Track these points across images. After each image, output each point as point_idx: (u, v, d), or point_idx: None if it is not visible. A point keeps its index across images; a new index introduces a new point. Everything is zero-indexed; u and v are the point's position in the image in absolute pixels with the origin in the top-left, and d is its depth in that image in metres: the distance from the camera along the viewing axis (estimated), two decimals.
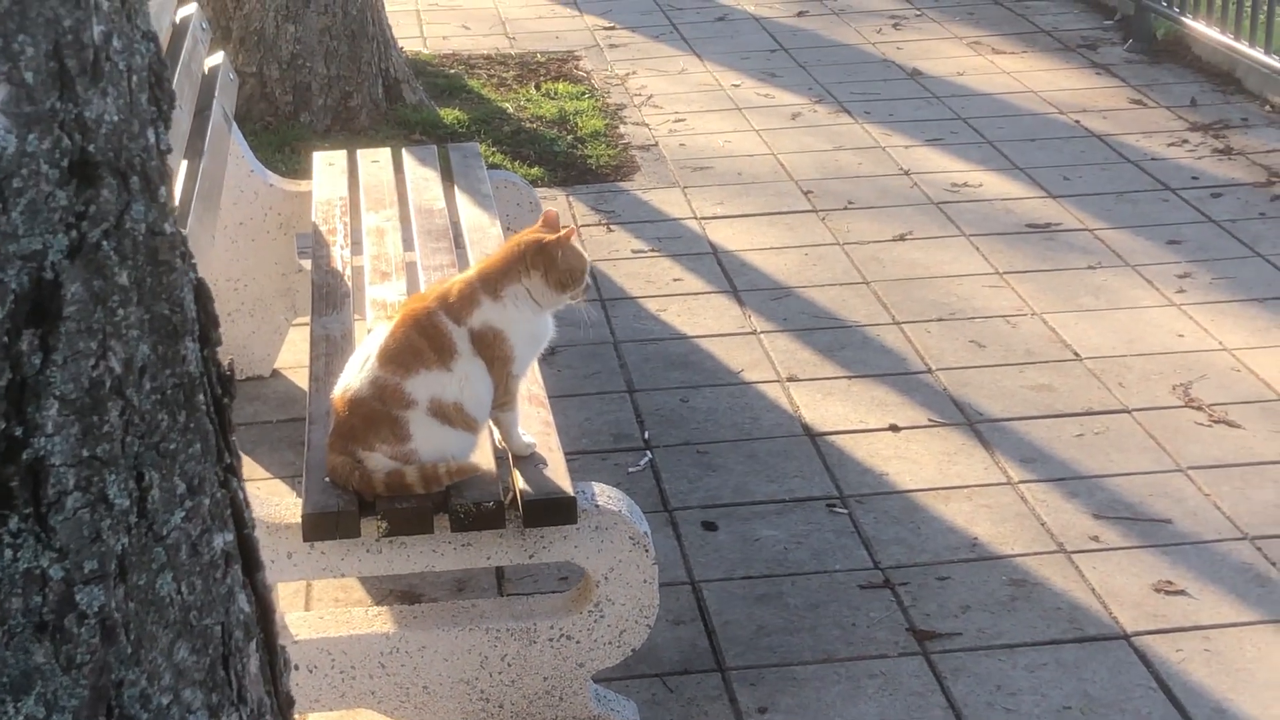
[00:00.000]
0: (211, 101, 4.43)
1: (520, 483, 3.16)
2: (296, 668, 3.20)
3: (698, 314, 5.42)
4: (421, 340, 3.14)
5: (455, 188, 4.71)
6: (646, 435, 4.64)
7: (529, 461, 3.22)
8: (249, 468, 4.51)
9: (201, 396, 1.66)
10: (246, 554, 1.75)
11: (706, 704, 3.51)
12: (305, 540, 3.09)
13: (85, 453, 1.53)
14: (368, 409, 3.13)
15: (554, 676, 3.26)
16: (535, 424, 3.36)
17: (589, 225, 6.21)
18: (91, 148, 1.52)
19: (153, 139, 1.61)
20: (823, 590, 3.90)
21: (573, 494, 3.12)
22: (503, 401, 3.20)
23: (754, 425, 4.68)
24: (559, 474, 3.17)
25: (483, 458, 3.22)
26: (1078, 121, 7.24)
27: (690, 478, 4.41)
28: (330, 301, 4.01)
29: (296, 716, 3.36)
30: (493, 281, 3.18)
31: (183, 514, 1.63)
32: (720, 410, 4.78)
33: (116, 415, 1.55)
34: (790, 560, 4.03)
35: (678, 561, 4.03)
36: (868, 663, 3.63)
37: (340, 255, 4.30)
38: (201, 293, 1.68)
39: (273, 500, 3.19)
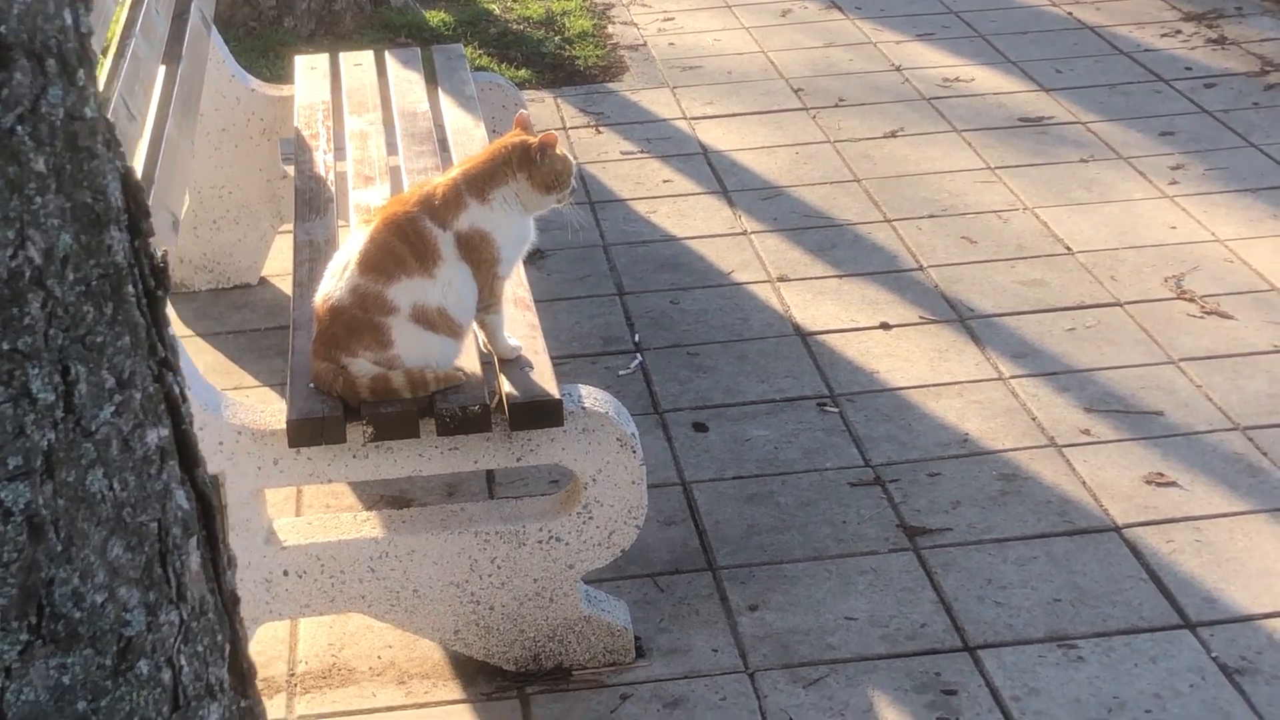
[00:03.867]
0: (190, 6, 4.38)
1: (506, 386, 3.14)
2: (285, 574, 3.21)
3: (688, 215, 5.38)
4: (403, 246, 3.11)
5: (439, 90, 4.66)
6: (637, 338, 4.62)
7: (515, 365, 3.20)
8: (237, 375, 4.50)
9: (130, 288, 1.63)
10: (184, 449, 1.72)
11: (698, 602, 3.51)
12: (291, 446, 3.08)
13: (5, 345, 1.50)
14: (349, 316, 3.11)
15: (544, 578, 3.25)
16: (521, 327, 3.34)
17: (578, 127, 6.16)
18: (3, 29, 1.48)
19: (70, 20, 1.57)
20: (813, 489, 3.89)
21: (558, 396, 3.10)
22: (488, 304, 3.18)
23: (744, 326, 4.67)
24: (545, 377, 3.16)
25: (468, 362, 3.21)
26: (1070, 13, 7.17)
27: (681, 379, 4.40)
28: (313, 207, 3.98)
29: (287, 621, 3.36)
30: (479, 184, 3.15)
31: (112, 409, 1.60)
32: (710, 311, 4.76)
33: (38, 307, 1.52)
34: (781, 460, 4.02)
35: (669, 463, 4.02)
36: (858, 559, 3.63)
37: (323, 160, 4.26)
38: (129, 182, 1.64)
39: (259, 407, 3.18)
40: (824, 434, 4.12)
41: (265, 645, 3.42)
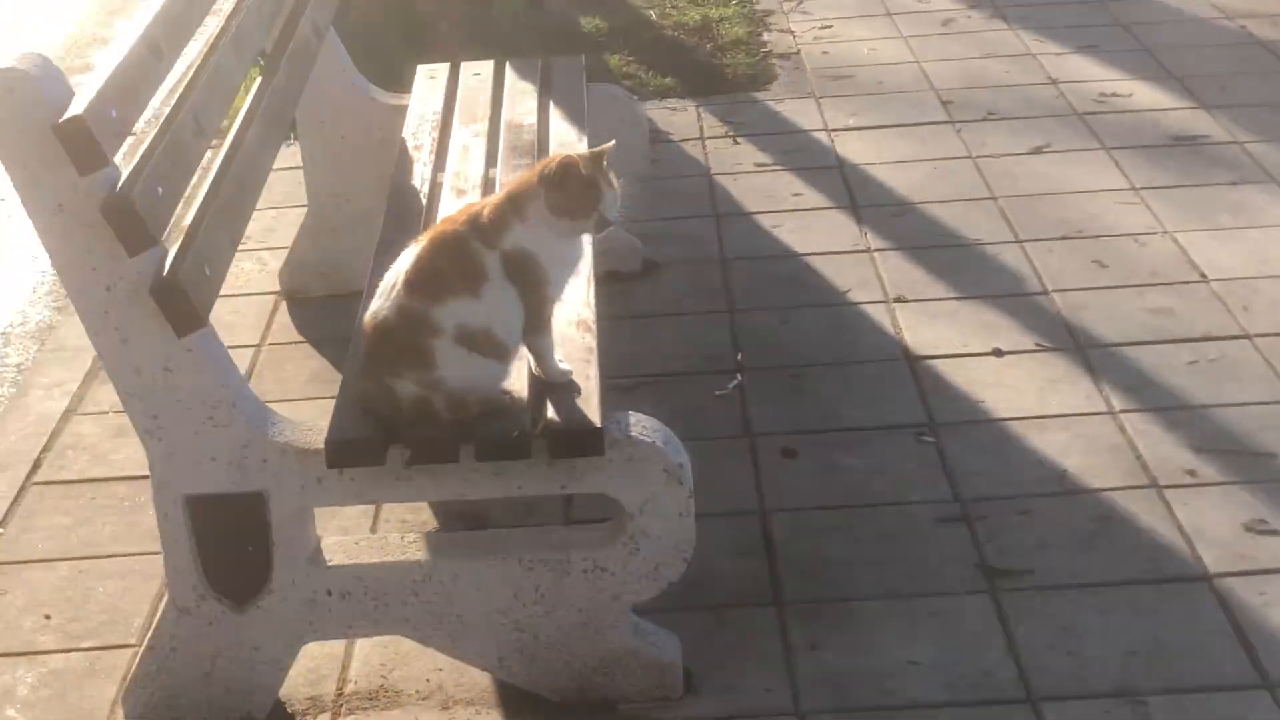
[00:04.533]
0: (302, 15, 4.37)
1: (550, 412, 3.07)
2: (329, 594, 3.18)
3: (812, 230, 5.27)
4: (449, 265, 3.06)
5: (551, 102, 4.61)
6: (740, 357, 4.53)
7: (563, 389, 3.14)
8: (329, 387, 4.49)
9: None
10: None
11: (757, 639, 3.42)
12: (329, 466, 3.05)
13: None
14: (394, 336, 3.06)
15: (589, 609, 3.18)
16: (578, 350, 3.27)
17: (716, 137, 6.07)
18: None
19: None
20: (896, 523, 3.77)
21: (599, 425, 3.03)
22: (535, 326, 3.11)
23: (852, 348, 4.55)
24: (591, 404, 3.09)
25: (515, 385, 3.15)
26: (1244, 26, 6.91)
27: (778, 402, 4.30)
28: (402, 220, 3.95)
29: (334, 643, 3.33)
30: (521, 202, 3.09)
31: None
32: (820, 331, 4.65)
33: None
34: (868, 491, 3.90)
35: (750, 489, 3.93)
36: (931, 600, 3.50)
37: (422, 172, 4.23)
38: None
39: (306, 425, 3.15)
40: (916, 465, 3.99)
41: (319, 662, 3.40)
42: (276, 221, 5.55)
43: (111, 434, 4.35)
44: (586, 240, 3.19)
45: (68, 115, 2.84)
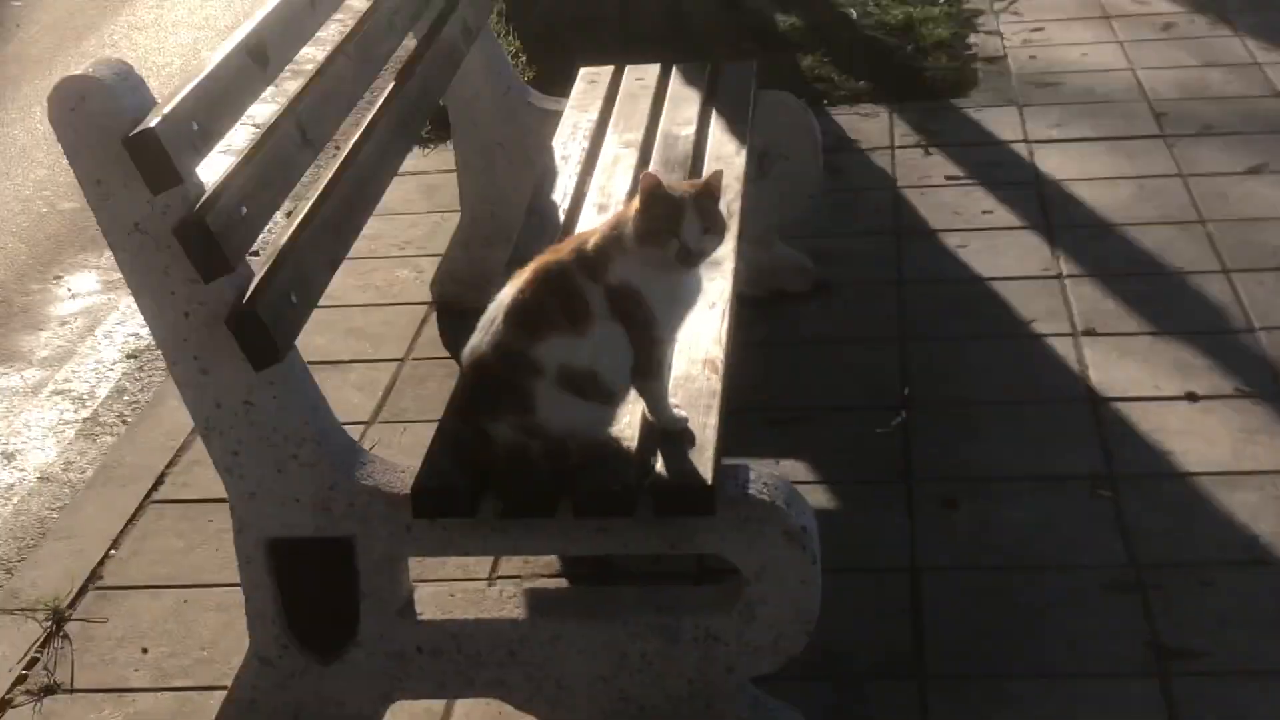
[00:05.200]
0: (450, 16, 4.13)
1: (659, 464, 2.78)
2: (420, 650, 2.92)
3: (1000, 252, 4.90)
4: (552, 299, 2.78)
5: (714, 110, 4.31)
6: (906, 391, 4.19)
7: (677, 439, 2.84)
8: None
9: None
10: None
11: (891, 717, 3.09)
12: (415, 516, 2.79)
13: None
14: (491, 375, 2.80)
15: (700, 679, 2.89)
16: (700, 394, 2.98)
17: (906, 147, 5.72)
18: None
19: None
20: (1060, 589, 3.42)
21: (710, 482, 2.73)
22: (645, 369, 2.82)
23: (1031, 386, 4.18)
24: (705, 456, 2.79)
25: (626, 432, 2.86)
26: None
27: (943, 444, 3.95)
28: (536, 235, 3.68)
29: (427, 704, 3.07)
30: (621, 230, 2.80)
31: None
32: (997, 366, 4.29)
33: None
34: (1032, 550, 3.55)
35: (903, 542, 3.60)
36: (1091, 681, 3.15)
37: (566, 185, 3.96)
38: None
39: (398, 466, 2.90)
40: (1089, 523, 3.62)
41: (417, 715, 3.15)
42: (439, 227, 5.33)
43: None
44: (706, 275, 2.88)
45: (140, 129, 2.61)
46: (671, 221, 2.75)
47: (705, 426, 2.88)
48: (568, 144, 4.20)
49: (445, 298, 4.84)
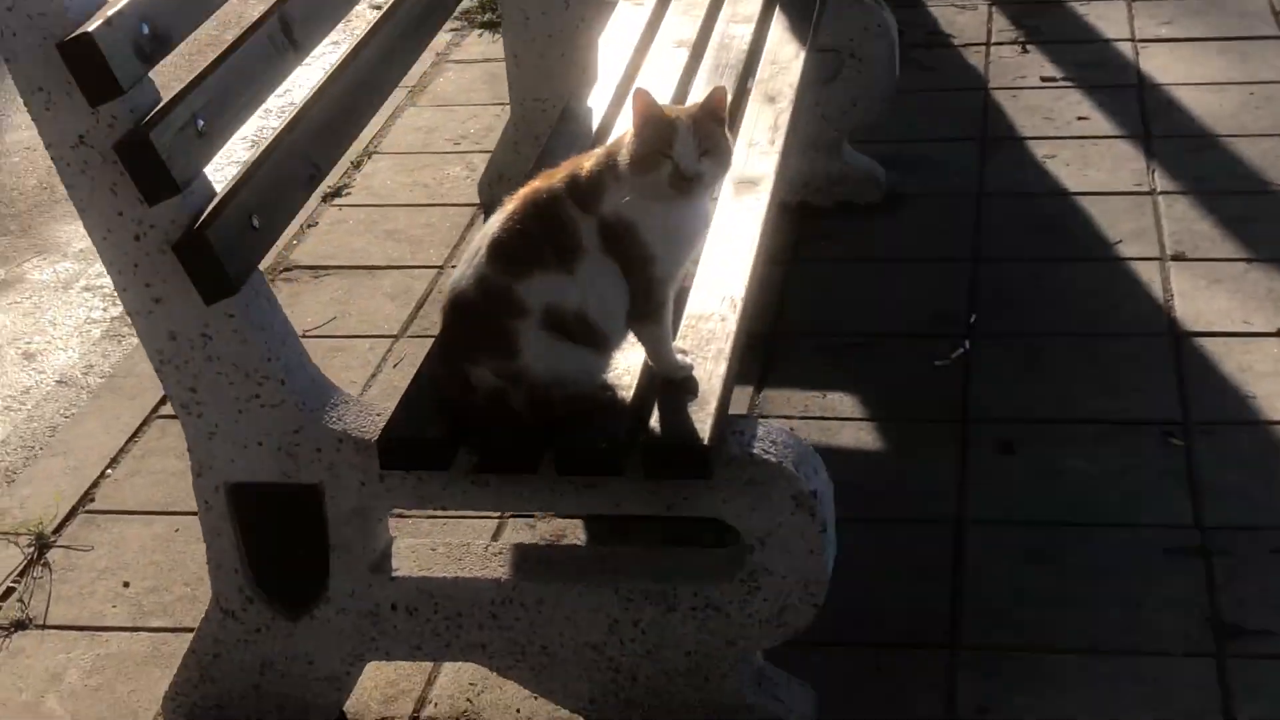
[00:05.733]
0: None
1: (653, 419, 2.50)
2: (394, 608, 2.68)
3: (1091, 164, 4.54)
4: (540, 232, 2.50)
5: (776, 8, 3.97)
6: (973, 319, 3.86)
7: (678, 389, 2.55)
8: None
9: None
10: None
11: (915, 692, 2.82)
12: (382, 467, 2.53)
13: None
14: (473, 313, 2.53)
15: (698, 653, 2.62)
16: (714, 336, 2.68)
17: (1002, 44, 5.33)
18: None
19: None
20: (1116, 551, 3.10)
21: (706, 442, 2.44)
22: (643, 311, 2.53)
23: (1108, 316, 3.84)
24: (705, 411, 2.50)
25: (620, 379, 2.58)
26: None
27: (1006, 379, 3.63)
28: (566, 142, 3.39)
29: (395, 664, 2.83)
30: (616, 155, 2.50)
31: None
32: (1074, 293, 3.95)
33: None
34: (1089, 504, 3.24)
35: (949, 491, 3.29)
36: (1138, 660, 2.85)
37: (605, 86, 3.66)
38: None
39: (372, 409, 2.64)
40: (1157, 475, 3.30)
41: (401, 674, 2.92)
42: (500, 121, 5.02)
43: None
44: (709, 208, 2.58)
45: (76, 33, 2.34)
46: (664, 143, 2.45)
47: (713, 376, 2.59)
48: (616, 41, 3.88)
49: (493, 201, 4.53)
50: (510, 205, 2.55)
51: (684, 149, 2.46)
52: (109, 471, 3.56)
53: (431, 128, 5.07)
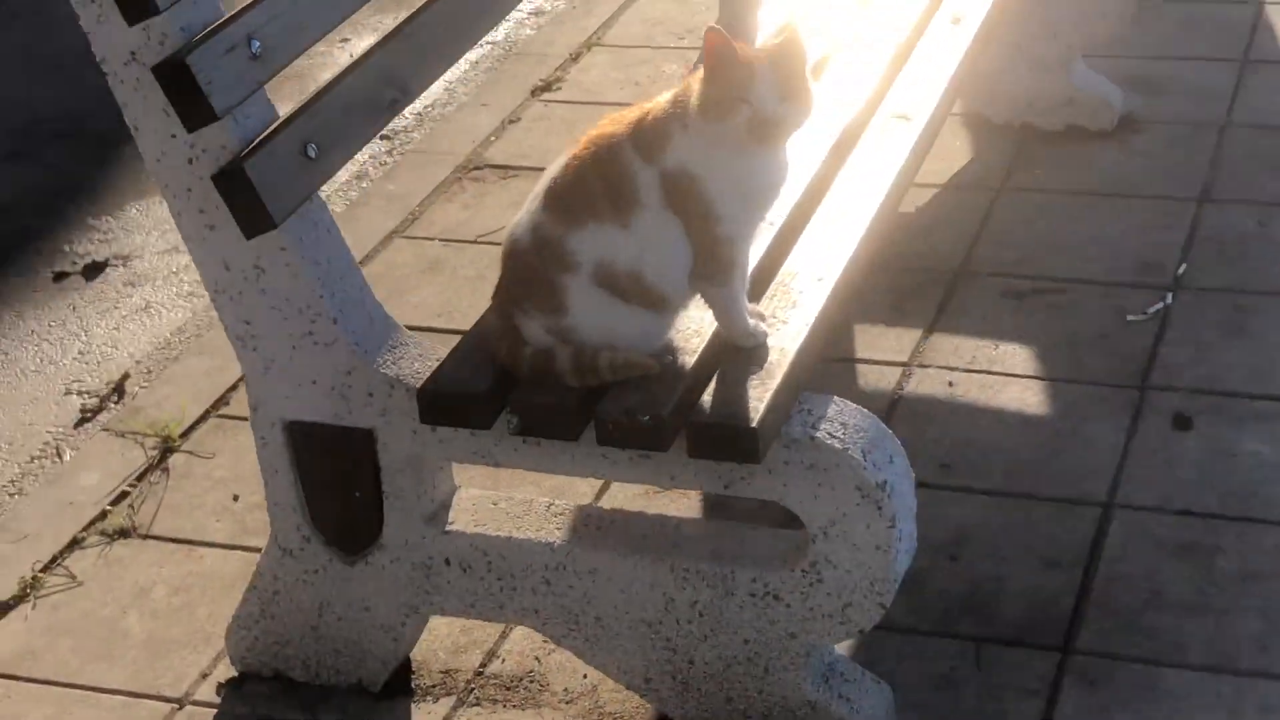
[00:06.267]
0: None
1: (706, 393, 2.29)
2: (448, 563, 2.55)
3: None
4: (598, 180, 2.30)
5: None
6: (1181, 270, 3.52)
7: (746, 359, 2.34)
8: None
9: None
10: None
11: (1015, 699, 2.57)
12: (422, 420, 2.38)
13: None
14: (525, 263, 2.35)
15: (757, 641, 2.43)
16: (801, 305, 2.45)
17: None
18: None
19: None
20: (1275, 555, 2.78)
21: (754, 424, 2.22)
22: (708, 272, 2.31)
23: None
24: (767, 385, 2.28)
25: (689, 342, 2.38)
26: None
27: (1202, 343, 3.30)
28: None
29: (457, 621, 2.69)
30: (683, 103, 2.28)
31: None
32: None
33: None
34: (1262, 496, 2.92)
35: (1108, 468, 3.00)
36: (1267, 684, 2.54)
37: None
38: None
39: (432, 354, 2.48)
40: None
41: (475, 626, 2.78)
42: None
43: (423, 268, 3.81)
44: (786, 159, 2.33)
45: None
46: (741, 86, 2.22)
47: (785, 346, 2.36)
48: None
49: None
50: (573, 150, 2.35)
51: (764, 92, 2.23)
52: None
53: (660, 19, 4.87)
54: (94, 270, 4.16)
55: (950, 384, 3.24)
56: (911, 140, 2.85)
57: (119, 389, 3.64)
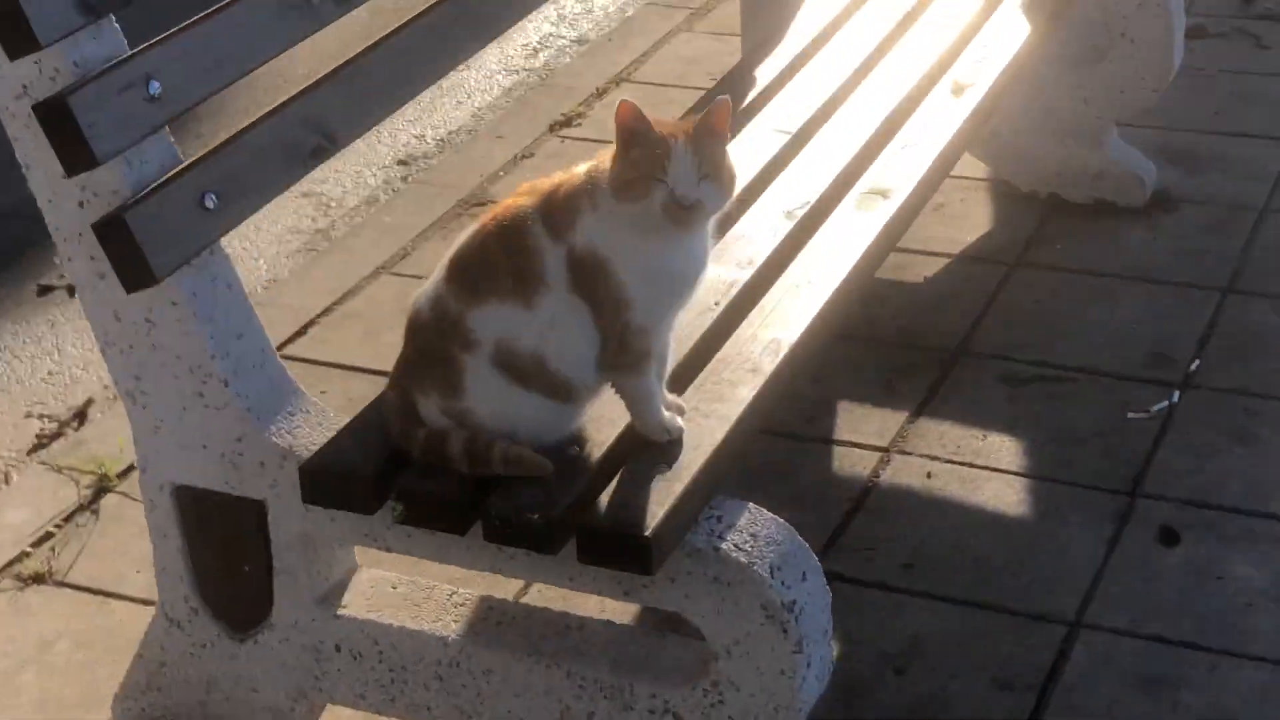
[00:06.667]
0: None
1: (606, 492, 2.11)
2: (338, 649, 2.37)
3: None
4: (502, 255, 2.12)
5: None
6: (1194, 365, 3.29)
7: (656, 456, 2.15)
8: None
9: None
10: None
11: None
12: (304, 500, 2.21)
13: None
14: (424, 336, 2.17)
15: None
16: (729, 397, 2.25)
17: None
18: None
19: None
20: (1247, 692, 2.56)
21: (647, 531, 2.03)
22: (617, 362, 2.13)
23: None
24: (670, 490, 2.09)
25: (599, 431, 2.19)
26: None
27: (1204, 449, 3.08)
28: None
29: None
30: (597, 178, 2.09)
31: None
32: None
33: None
34: (1242, 627, 2.69)
35: (1082, 581, 2.79)
36: None
37: (790, 50, 3.23)
38: None
39: (333, 423, 2.31)
40: None
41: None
42: None
43: (404, 307, 3.63)
44: (706, 243, 2.14)
45: None
46: (656, 164, 2.03)
47: (703, 443, 2.17)
48: None
49: None
50: (483, 218, 2.17)
51: (681, 172, 2.04)
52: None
53: (696, 58, 4.68)
54: None
55: (929, 475, 3.04)
56: (881, 221, 2.65)
57: (81, 415, 3.50)
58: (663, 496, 2.08)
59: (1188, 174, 3.90)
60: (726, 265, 2.52)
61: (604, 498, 2.10)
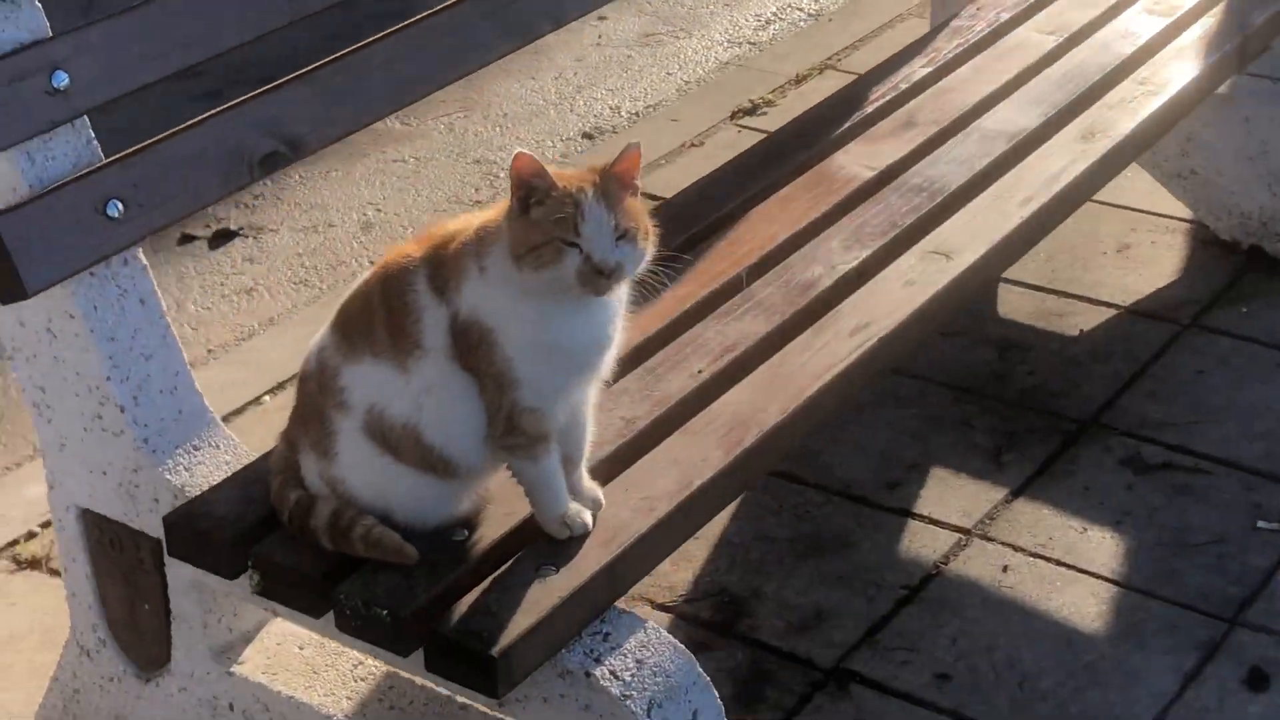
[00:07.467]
0: None
1: (474, 594, 1.83)
2: (231, 708, 2.16)
3: None
4: (382, 308, 1.85)
5: None
6: None
7: (548, 553, 1.86)
8: None
9: None
10: None
11: None
12: (169, 553, 1.99)
13: None
14: (307, 389, 1.93)
15: None
16: (664, 493, 1.95)
17: None
18: None
19: None
20: None
21: (497, 650, 1.75)
22: (509, 445, 1.84)
23: None
24: (546, 599, 1.80)
25: (490, 514, 1.92)
26: None
27: None
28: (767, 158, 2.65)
29: None
30: (489, 235, 1.80)
31: None
32: None
33: None
34: None
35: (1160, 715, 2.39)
36: None
37: (897, 80, 2.87)
38: None
39: (242, 458, 2.08)
40: None
41: None
42: None
43: None
44: (613, 311, 1.83)
45: None
46: (564, 224, 1.73)
47: (609, 540, 1.88)
48: (963, 20, 3.05)
49: None
50: (379, 263, 1.90)
51: (595, 233, 1.74)
52: None
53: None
54: (221, 239, 3.90)
55: (1005, 568, 2.67)
56: (931, 289, 2.29)
57: None
58: (534, 605, 1.80)
59: None
60: None
61: (469, 598, 1.82)
